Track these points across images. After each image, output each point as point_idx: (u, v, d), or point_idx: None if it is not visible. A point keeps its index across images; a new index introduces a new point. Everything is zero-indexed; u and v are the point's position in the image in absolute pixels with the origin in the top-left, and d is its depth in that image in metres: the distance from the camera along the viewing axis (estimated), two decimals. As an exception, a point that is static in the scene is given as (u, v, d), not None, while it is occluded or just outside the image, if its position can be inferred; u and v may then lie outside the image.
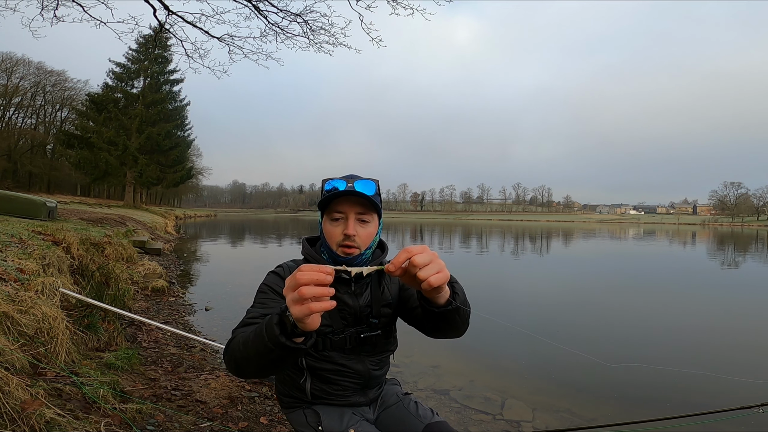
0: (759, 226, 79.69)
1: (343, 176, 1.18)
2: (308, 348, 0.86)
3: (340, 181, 1.15)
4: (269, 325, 0.84)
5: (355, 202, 1.14)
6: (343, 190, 1.12)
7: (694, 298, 7.89)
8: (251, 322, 1.04)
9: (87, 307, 2.99)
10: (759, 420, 1.12)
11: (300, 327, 0.79)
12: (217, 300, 5.99)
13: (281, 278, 1.18)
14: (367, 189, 1.14)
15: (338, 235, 1.14)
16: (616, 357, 4.35)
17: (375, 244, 1.22)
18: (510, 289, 8.57)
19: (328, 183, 1.16)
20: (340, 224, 1.15)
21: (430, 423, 1.25)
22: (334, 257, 1.17)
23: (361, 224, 1.16)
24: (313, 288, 0.75)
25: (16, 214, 7.50)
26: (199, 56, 8.41)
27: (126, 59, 31.03)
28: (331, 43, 7.81)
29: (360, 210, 1.15)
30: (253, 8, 7.65)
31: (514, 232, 37.30)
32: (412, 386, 3.35)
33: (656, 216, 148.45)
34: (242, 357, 0.93)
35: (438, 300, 0.95)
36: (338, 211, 1.15)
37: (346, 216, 1.15)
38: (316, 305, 0.75)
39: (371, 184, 1.15)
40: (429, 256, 0.83)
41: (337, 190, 1.13)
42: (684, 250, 20.54)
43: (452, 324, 1.05)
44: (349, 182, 1.14)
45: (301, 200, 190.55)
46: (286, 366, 1.01)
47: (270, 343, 0.83)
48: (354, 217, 1.14)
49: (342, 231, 1.14)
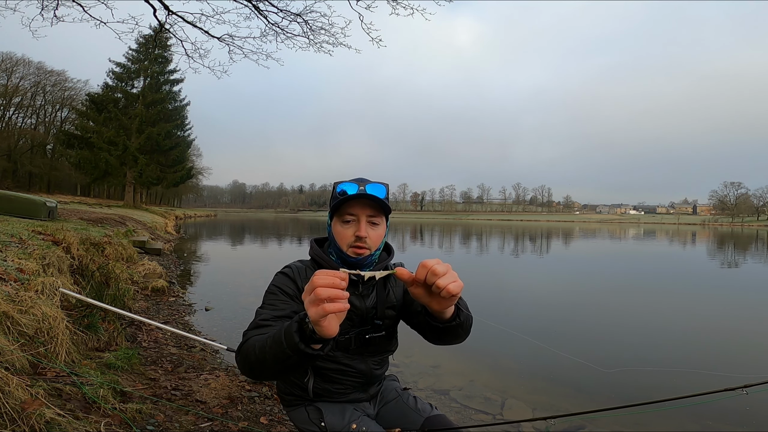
0: (759, 226, 79.69)
1: (353, 179, 1.20)
2: (325, 354, 0.88)
3: (352, 185, 1.17)
4: (288, 332, 0.86)
5: (367, 205, 1.16)
6: (356, 193, 1.14)
7: (693, 298, 7.88)
8: (263, 324, 1.06)
9: (87, 307, 2.98)
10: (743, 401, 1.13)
11: (318, 333, 0.82)
12: (217, 300, 5.99)
13: (290, 279, 1.20)
14: (378, 192, 1.16)
15: (350, 236, 1.16)
16: (616, 356, 4.35)
17: (383, 246, 1.25)
18: (510, 289, 8.57)
19: (339, 186, 1.18)
20: (352, 226, 1.17)
21: (430, 416, 1.29)
22: (343, 258, 1.19)
23: (371, 226, 1.18)
24: (329, 289, 0.77)
25: (16, 214, 7.50)
26: (199, 56, 8.41)
27: (126, 59, 31.02)
28: (331, 43, 7.81)
29: (371, 212, 1.17)
30: (253, 8, 7.65)
31: (514, 232, 37.30)
32: (413, 386, 3.35)
33: (656, 216, 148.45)
34: (258, 361, 0.94)
35: (443, 315, 0.99)
36: (350, 214, 1.17)
37: (357, 218, 1.17)
38: (330, 306, 0.77)
39: (381, 188, 1.18)
40: (445, 267, 0.88)
41: (348, 193, 1.15)
42: (684, 250, 20.54)
43: (456, 336, 1.10)
44: (361, 185, 1.16)
45: (301, 200, 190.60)
46: (302, 370, 1.04)
47: (288, 349, 0.85)
48: (365, 220, 1.17)
49: (353, 233, 1.16)
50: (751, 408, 3.06)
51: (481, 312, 6.33)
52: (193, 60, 8.43)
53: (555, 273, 11.32)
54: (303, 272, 1.22)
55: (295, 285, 1.19)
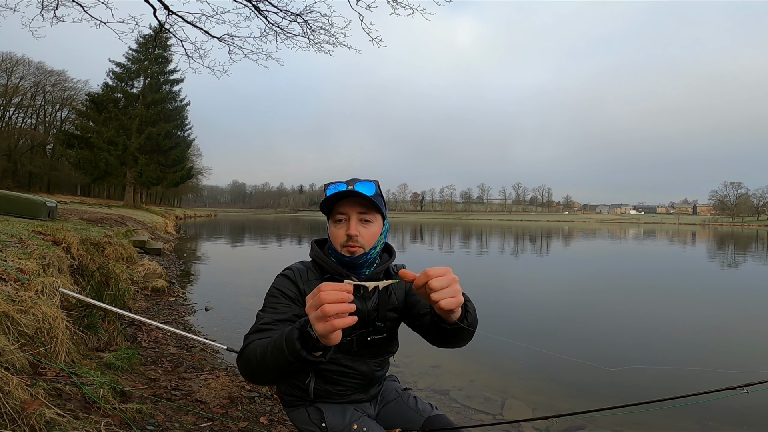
0: (759, 226, 79.66)
1: (344, 181, 1.20)
2: (327, 360, 0.88)
3: (341, 184, 1.17)
4: (290, 340, 0.86)
5: (356, 203, 1.16)
6: (343, 191, 1.15)
7: (693, 298, 7.88)
8: (265, 328, 1.06)
9: (87, 307, 2.98)
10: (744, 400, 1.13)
11: (323, 342, 0.82)
12: (217, 300, 5.99)
13: (291, 281, 1.19)
14: (367, 189, 1.16)
15: (342, 236, 1.17)
16: (616, 355, 4.35)
17: (380, 245, 1.23)
18: (510, 290, 8.57)
19: (330, 187, 1.18)
20: (343, 225, 1.17)
21: (430, 416, 1.30)
22: (339, 258, 1.19)
23: (363, 224, 1.17)
24: (336, 305, 0.77)
25: (16, 214, 7.50)
26: (199, 56, 8.42)
27: (126, 59, 30.99)
28: (331, 43, 7.82)
29: (361, 210, 1.17)
30: (253, 8, 7.65)
31: (515, 232, 37.29)
32: (413, 386, 3.35)
33: (656, 216, 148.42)
34: (259, 366, 0.95)
35: (450, 317, 0.98)
36: (341, 213, 1.17)
37: (348, 217, 1.17)
38: (339, 322, 0.78)
39: (371, 185, 1.17)
40: (447, 280, 0.88)
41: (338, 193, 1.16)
42: (684, 250, 20.53)
43: (460, 339, 1.09)
44: (349, 185, 1.17)
45: (301, 200, 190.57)
46: (303, 375, 1.04)
47: (290, 356, 0.85)
48: (356, 218, 1.16)
49: (345, 232, 1.16)
50: (750, 408, 3.06)
51: (481, 313, 6.32)
52: (193, 60, 8.44)
53: (555, 273, 11.31)
54: (305, 274, 1.22)
55: (296, 288, 1.19)
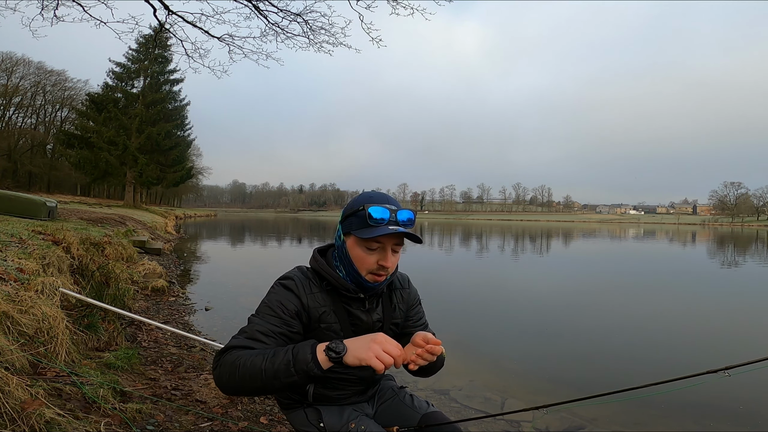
0: (759, 226, 79.69)
1: (383, 203, 1.11)
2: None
3: (383, 210, 1.08)
4: (303, 360, 0.94)
5: (397, 235, 1.10)
6: (392, 228, 1.07)
7: (693, 298, 7.89)
8: (257, 339, 1.04)
9: (87, 307, 2.98)
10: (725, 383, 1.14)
11: (345, 362, 0.93)
12: (217, 300, 5.99)
13: (293, 293, 1.14)
14: (412, 223, 1.12)
15: (372, 264, 1.12)
16: (616, 354, 4.35)
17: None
18: (510, 289, 8.57)
19: (371, 209, 1.08)
20: (376, 253, 1.12)
21: (426, 413, 1.32)
22: (356, 280, 1.15)
23: (394, 254, 1.14)
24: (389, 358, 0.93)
25: (16, 214, 7.50)
26: (199, 56, 8.38)
27: (126, 59, 30.97)
28: (331, 43, 7.80)
29: (398, 242, 1.13)
30: (253, 8, 7.64)
31: (515, 232, 37.29)
32: (412, 386, 3.34)
33: (656, 216, 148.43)
34: (249, 378, 0.96)
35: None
36: (377, 242, 1.11)
37: (383, 246, 1.11)
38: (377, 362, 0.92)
39: (413, 217, 1.12)
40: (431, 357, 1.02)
41: (383, 221, 1.08)
42: (684, 250, 20.53)
43: (429, 372, 1.27)
44: (392, 211, 1.09)
45: (301, 200, 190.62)
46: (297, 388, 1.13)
47: (296, 375, 0.93)
48: (391, 248, 1.13)
49: (377, 260, 1.11)
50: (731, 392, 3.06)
51: (482, 311, 6.34)
52: (193, 60, 8.41)
53: (555, 273, 11.31)
54: (307, 287, 1.16)
55: (298, 301, 1.13)
